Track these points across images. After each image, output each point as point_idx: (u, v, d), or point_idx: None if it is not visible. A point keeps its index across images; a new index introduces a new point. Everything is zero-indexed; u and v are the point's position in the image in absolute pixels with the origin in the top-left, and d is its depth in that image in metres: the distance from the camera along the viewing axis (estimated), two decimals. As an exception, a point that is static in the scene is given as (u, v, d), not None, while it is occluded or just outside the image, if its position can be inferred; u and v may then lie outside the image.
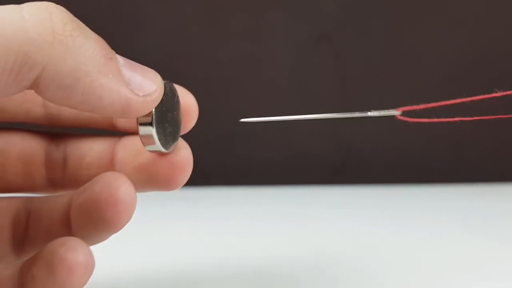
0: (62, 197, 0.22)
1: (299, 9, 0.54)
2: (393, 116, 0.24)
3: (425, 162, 0.57)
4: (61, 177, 0.23)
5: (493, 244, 0.38)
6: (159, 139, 0.20)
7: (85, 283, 0.19)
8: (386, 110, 0.24)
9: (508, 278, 0.32)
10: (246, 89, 0.56)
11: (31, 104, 0.23)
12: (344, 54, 0.55)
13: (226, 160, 0.56)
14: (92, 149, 0.23)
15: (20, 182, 0.23)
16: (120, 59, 0.19)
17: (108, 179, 0.20)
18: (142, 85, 0.19)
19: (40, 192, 0.24)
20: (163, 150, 0.21)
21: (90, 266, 0.18)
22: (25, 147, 0.23)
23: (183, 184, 0.22)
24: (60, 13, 0.17)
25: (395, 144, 0.56)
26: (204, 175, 0.55)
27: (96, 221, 0.20)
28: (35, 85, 0.17)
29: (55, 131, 0.24)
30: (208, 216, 0.46)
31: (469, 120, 0.23)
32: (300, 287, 0.31)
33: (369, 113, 0.24)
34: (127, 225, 0.22)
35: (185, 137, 0.24)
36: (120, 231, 0.21)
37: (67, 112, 0.23)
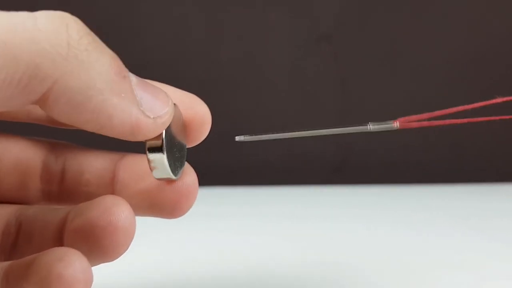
0: (56, 212, 0.21)
1: (299, 9, 0.54)
2: (393, 119, 0.23)
3: (425, 162, 0.57)
4: (57, 191, 0.22)
5: (493, 244, 0.38)
6: (170, 165, 0.19)
7: None
8: (384, 123, 0.24)
9: (508, 278, 0.32)
10: (246, 89, 0.56)
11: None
12: (344, 54, 0.55)
13: (226, 160, 0.56)
14: (92, 165, 0.22)
15: (14, 192, 0.22)
16: (133, 78, 0.18)
17: (108, 204, 0.19)
18: (153, 106, 0.18)
19: (34, 204, 0.22)
20: (172, 177, 0.20)
21: (89, 281, 0.17)
22: (22, 156, 0.22)
23: (187, 212, 0.21)
24: (76, 25, 0.16)
25: (394, 144, 0.56)
26: (204, 175, 0.55)
27: (91, 248, 0.19)
28: (43, 100, 0.16)
29: (56, 142, 0.23)
30: (208, 216, 0.46)
31: (468, 122, 0.23)
32: (300, 286, 0.31)
33: (369, 127, 0.23)
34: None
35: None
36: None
37: None
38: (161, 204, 0.20)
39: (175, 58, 0.55)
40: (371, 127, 0.23)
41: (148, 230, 0.41)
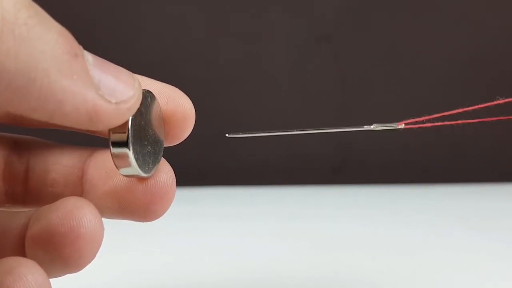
0: (18, 216, 0.19)
1: (299, 9, 0.54)
2: (395, 122, 0.23)
3: (425, 162, 0.57)
4: (21, 192, 0.20)
5: (493, 244, 0.38)
6: (136, 160, 0.17)
7: None
8: (388, 124, 0.23)
9: (508, 278, 0.32)
10: (246, 89, 0.56)
11: None
12: (344, 54, 0.55)
13: (226, 160, 0.56)
14: (58, 163, 0.19)
15: None
16: (89, 57, 0.15)
17: (69, 208, 0.16)
18: (116, 89, 0.15)
19: None
20: (141, 174, 0.17)
21: None
22: None
23: (162, 215, 0.18)
24: None
25: (395, 144, 0.56)
26: (204, 175, 0.55)
27: (52, 258, 0.16)
28: None
29: (19, 137, 0.20)
30: (208, 216, 0.46)
31: (471, 122, 0.23)
32: (299, 286, 0.31)
33: (372, 127, 0.22)
34: (125, 225, 0.21)
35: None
36: (118, 231, 0.20)
37: None
38: (132, 205, 0.18)
39: (175, 58, 0.55)
40: (375, 127, 0.22)
41: (146, 230, 0.41)
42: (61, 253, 0.16)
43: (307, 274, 0.33)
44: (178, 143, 0.19)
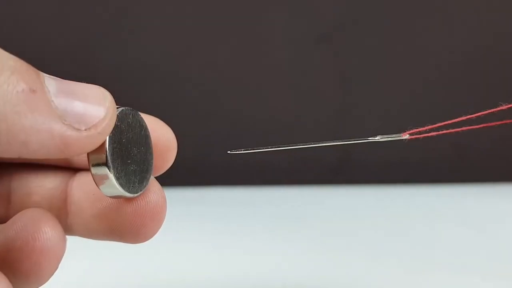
0: None
1: (299, 9, 0.54)
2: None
3: (425, 162, 0.57)
4: (4, 215, 0.19)
5: (493, 244, 0.38)
6: (117, 179, 0.16)
7: None
8: (394, 135, 0.23)
9: (508, 278, 0.32)
10: (245, 88, 0.56)
11: None
12: (343, 53, 0.55)
13: (226, 160, 0.56)
14: (41, 185, 0.19)
15: None
16: (51, 86, 0.14)
17: (25, 221, 0.16)
18: (85, 114, 0.14)
19: None
20: (125, 194, 0.17)
21: None
22: None
23: (153, 236, 0.18)
24: None
25: (394, 144, 0.55)
26: (204, 175, 0.55)
27: (13, 272, 0.16)
28: None
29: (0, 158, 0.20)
30: (208, 216, 0.46)
31: (472, 127, 0.23)
32: (299, 286, 0.31)
33: (377, 138, 0.22)
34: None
35: (184, 136, 0.22)
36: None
37: None
38: (122, 228, 0.18)
39: (173, 58, 0.55)
40: (379, 138, 0.23)
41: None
42: (20, 268, 0.16)
43: (307, 274, 0.33)
44: (160, 173, 0.19)
